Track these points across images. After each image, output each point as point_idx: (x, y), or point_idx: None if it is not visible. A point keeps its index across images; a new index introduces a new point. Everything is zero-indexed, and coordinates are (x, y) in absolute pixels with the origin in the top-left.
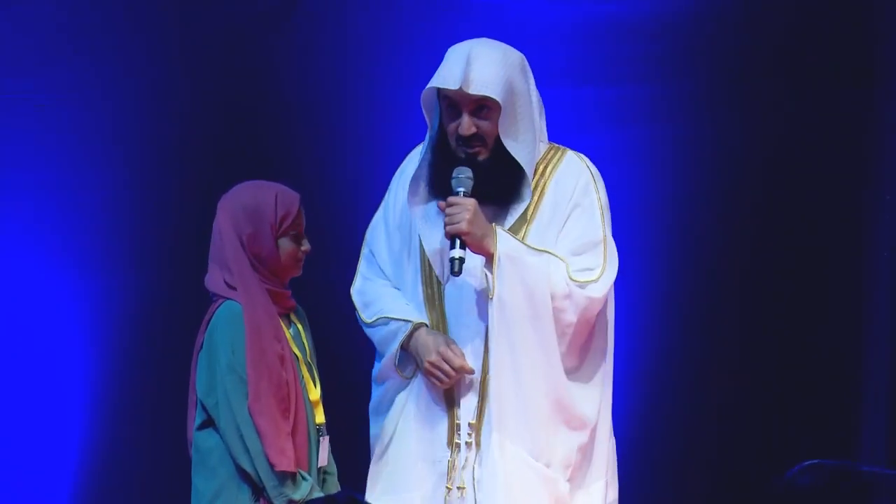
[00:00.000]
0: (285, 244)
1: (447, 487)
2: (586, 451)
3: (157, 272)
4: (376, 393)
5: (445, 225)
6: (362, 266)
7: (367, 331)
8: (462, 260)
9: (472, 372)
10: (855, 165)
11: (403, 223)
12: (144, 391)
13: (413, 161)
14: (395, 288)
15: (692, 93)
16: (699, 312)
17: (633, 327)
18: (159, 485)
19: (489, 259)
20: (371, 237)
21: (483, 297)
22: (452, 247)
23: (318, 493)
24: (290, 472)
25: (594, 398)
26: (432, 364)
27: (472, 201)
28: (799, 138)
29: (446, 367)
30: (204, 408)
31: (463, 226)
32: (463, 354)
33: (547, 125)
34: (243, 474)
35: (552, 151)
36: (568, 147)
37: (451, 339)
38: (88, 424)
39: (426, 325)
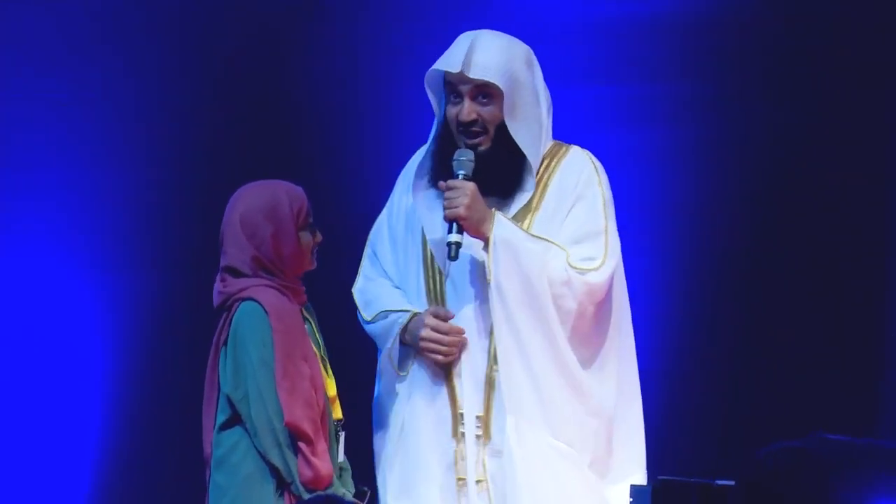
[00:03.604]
0: (304, 237)
1: (459, 479)
2: (608, 441)
3: (179, 272)
4: (378, 387)
5: (444, 208)
6: (365, 266)
7: (368, 328)
8: (459, 245)
9: (462, 331)
10: (876, 164)
11: (409, 222)
12: (164, 391)
13: (417, 160)
14: (397, 287)
15: (712, 93)
16: (720, 309)
17: (655, 326)
18: (177, 484)
19: (487, 243)
20: (374, 237)
21: (483, 290)
22: (450, 231)
23: (340, 489)
24: None
25: (608, 386)
26: (425, 339)
27: (471, 185)
28: (820, 137)
29: (437, 335)
30: (230, 403)
31: (461, 210)
32: (448, 314)
33: (566, 125)
34: (268, 469)
35: (556, 147)
36: (578, 145)
37: (439, 307)
38: (106, 423)
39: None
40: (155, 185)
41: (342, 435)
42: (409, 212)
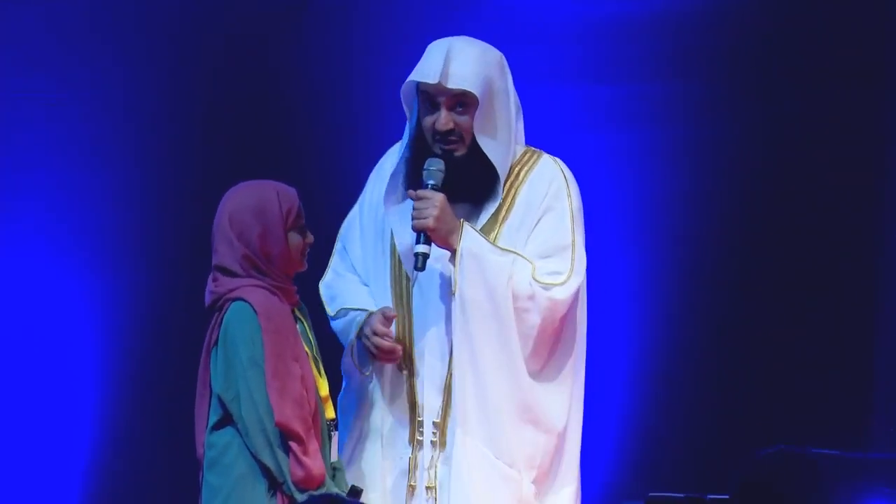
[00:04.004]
0: (293, 238)
1: (410, 485)
2: (554, 455)
3: (172, 272)
4: (343, 387)
5: (412, 218)
6: (334, 261)
7: (332, 324)
8: (426, 255)
9: (397, 349)
10: (865, 164)
11: (378, 220)
12: (155, 390)
13: (390, 158)
14: (364, 284)
15: (703, 92)
16: (711, 310)
17: (650, 327)
18: (169, 484)
19: (454, 254)
20: (345, 233)
21: (449, 299)
22: (418, 241)
23: (333, 489)
24: None
25: (561, 402)
26: (366, 336)
27: (440, 196)
28: (810, 137)
29: (376, 338)
30: (221, 403)
31: (429, 221)
32: (392, 314)
33: (562, 124)
34: (260, 469)
35: (528, 154)
36: (545, 150)
37: (389, 308)
38: (99, 424)
39: None
40: (149, 186)
41: (335, 434)
42: (379, 208)
